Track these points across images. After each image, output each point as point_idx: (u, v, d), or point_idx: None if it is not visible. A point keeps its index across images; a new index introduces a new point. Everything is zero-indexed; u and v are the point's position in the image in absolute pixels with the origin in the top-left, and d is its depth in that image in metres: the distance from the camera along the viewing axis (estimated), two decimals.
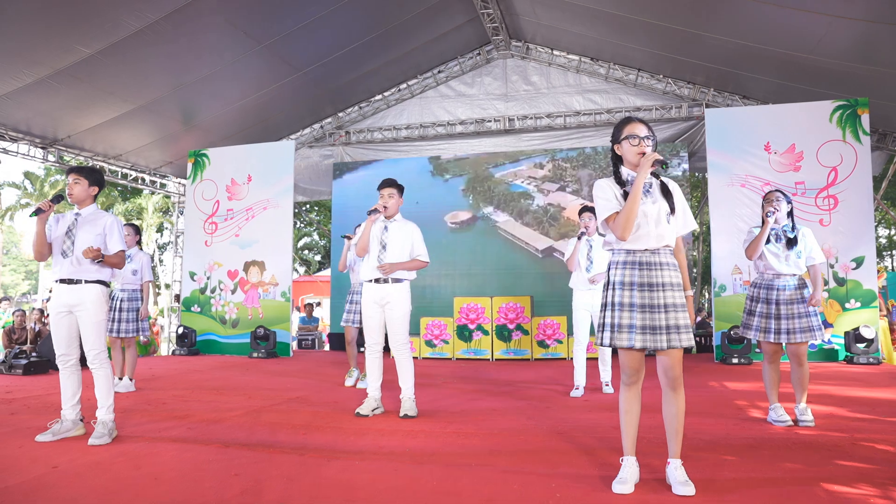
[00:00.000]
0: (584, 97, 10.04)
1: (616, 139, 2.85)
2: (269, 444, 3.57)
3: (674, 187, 2.83)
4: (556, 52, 10.11)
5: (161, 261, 29.19)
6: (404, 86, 10.82)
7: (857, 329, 7.42)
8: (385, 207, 4.56)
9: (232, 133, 10.54)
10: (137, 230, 5.98)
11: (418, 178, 10.42)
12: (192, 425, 4.06)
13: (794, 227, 4.18)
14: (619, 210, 2.70)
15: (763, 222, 4.22)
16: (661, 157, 2.66)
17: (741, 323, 4.30)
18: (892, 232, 22.54)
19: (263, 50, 8.40)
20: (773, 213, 4.08)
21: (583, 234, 5.43)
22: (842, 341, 7.58)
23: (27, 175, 26.70)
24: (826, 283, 7.68)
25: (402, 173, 10.47)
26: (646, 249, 2.71)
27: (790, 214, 4.20)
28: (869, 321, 7.51)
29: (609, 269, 2.84)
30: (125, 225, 5.97)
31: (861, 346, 7.43)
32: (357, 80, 10.29)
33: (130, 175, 11.04)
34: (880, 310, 8.05)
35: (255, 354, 9.01)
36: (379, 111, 11.05)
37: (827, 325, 7.65)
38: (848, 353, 7.47)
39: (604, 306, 2.79)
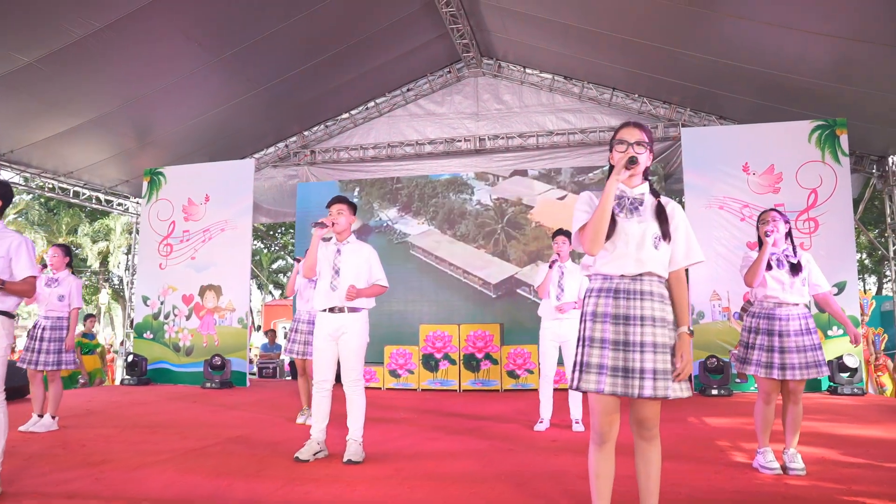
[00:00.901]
0: (558, 116, 9.73)
1: (610, 146, 2.49)
2: (183, 499, 3.07)
3: (674, 211, 2.42)
4: (528, 71, 9.81)
5: (132, 284, 28.28)
6: (372, 104, 10.44)
7: (840, 358, 7.08)
8: (333, 224, 4.13)
9: (192, 151, 10.06)
10: (67, 251, 5.45)
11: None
12: (103, 475, 3.53)
13: (795, 251, 3.80)
14: None
15: (761, 244, 3.84)
16: (632, 154, 2.31)
17: (736, 356, 3.85)
18: (864, 256, 22.55)
19: (220, 63, 7.97)
20: (772, 232, 3.67)
21: (555, 260, 5.04)
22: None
23: None
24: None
25: (366, 195, 10.22)
26: (623, 275, 2.31)
27: (789, 236, 3.80)
28: (852, 349, 7.18)
29: (584, 297, 2.44)
30: (55, 246, 5.48)
31: (845, 375, 7.09)
32: (322, 98, 9.89)
33: (83, 193, 10.48)
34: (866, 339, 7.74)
35: (208, 384, 8.44)
36: (346, 130, 10.65)
37: None
38: (831, 383, 7.12)
39: (578, 342, 2.39)
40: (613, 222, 2.33)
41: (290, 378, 10.14)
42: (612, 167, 2.44)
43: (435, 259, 9.74)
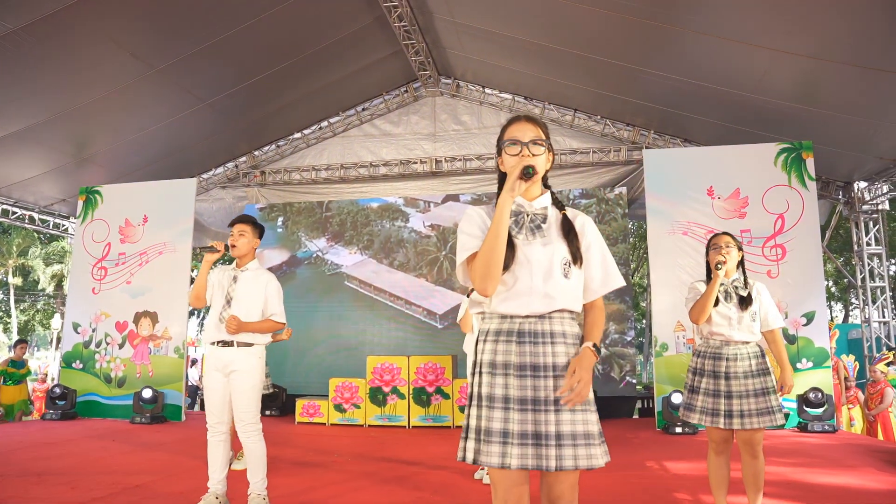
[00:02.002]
0: None
1: (498, 150, 1.96)
2: None
3: (585, 227, 1.93)
4: (487, 91, 9.46)
5: None
6: (325, 124, 9.98)
7: (808, 393, 6.68)
8: (232, 247, 3.62)
9: (135, 169, 9.48)
10: None
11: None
12: None
13: (746, 282, 3.34)
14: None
15: (710, 275, 3.39)
16: (530, 163, 1.79)
17: (682, 403, 3.37)
18: (830, 283, 22.47)
19: (157, 75, 7.46)
20: (723, 264, 3.19)
21: (473, 290, 4.55)
22: (794, 405, 6.83)
23: None
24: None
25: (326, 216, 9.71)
26: (528, 315, 1.81)
27: (741, 265, 3.34)
28: (822, 383, 6.79)
29: (477, 343, 1.91)
30: None
31: (815, 411, 6.69)
32: (273, 116, 9.41)
33: (13, 212, 9.81)
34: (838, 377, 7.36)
35: (137, 419, 7.76)
36: (298, 150, 10.16)
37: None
38: (800, 420, 6.71)
39: (470, 401, 1.85)
40: (511, 247, 1.82)
41: None
42: (502, 176, 1.93)
43: (373, 290, 9.24)
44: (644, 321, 17.55)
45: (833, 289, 22.50)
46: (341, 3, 7.43)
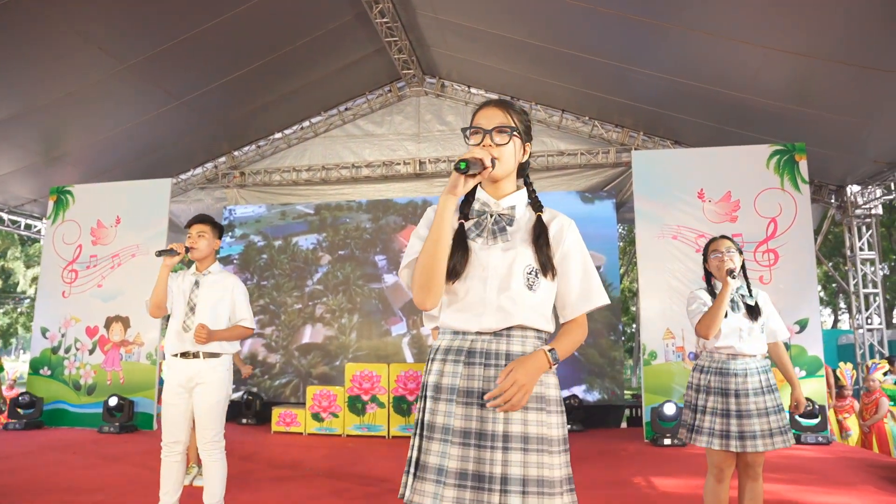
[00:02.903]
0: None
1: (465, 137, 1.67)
2: None
3: (563, 232, 1.64)
4: (473, 91, 9.21)
5: None
6: (307, 124, 9.70)
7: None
8: (191, 249, 3.35)
9: (110, 168, 9.18)
10: None
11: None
12: None
13: (750, 290, 3.07)
14: None
15: (709, 280, 3.15)
16: (471, 156, 1.48)
17: (683, 422, 3.08)
18: (819, 288, 22.39)
19: (127, 71, 7.15)
20: (734, 269, 2.92)
21: None
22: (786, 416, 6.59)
23: None
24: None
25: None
26: (479, 332, 1.53)
27: (743, 270, 3.09)
28: (815, 393, 6.57)
29: (427, 361, 1.64)
30: None
31: (808, 422, 6.46)
32: (252, 115, 9.12)
33: None
34: (828, 385, 7.13)
35: (106, 429, 7.43)
36: (279, 151, 9.87)
37: None
38: (794, 431, 6.47)
39: (415, 429, 1.57)
40: (465, 250, 1.56)
41: None
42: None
43: (353, 293, 8.96)
44: (634, 325, 17.37)
45: (822, 293, 22.42)
46: None
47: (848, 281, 8.64)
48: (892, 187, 8.00)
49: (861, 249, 8.38)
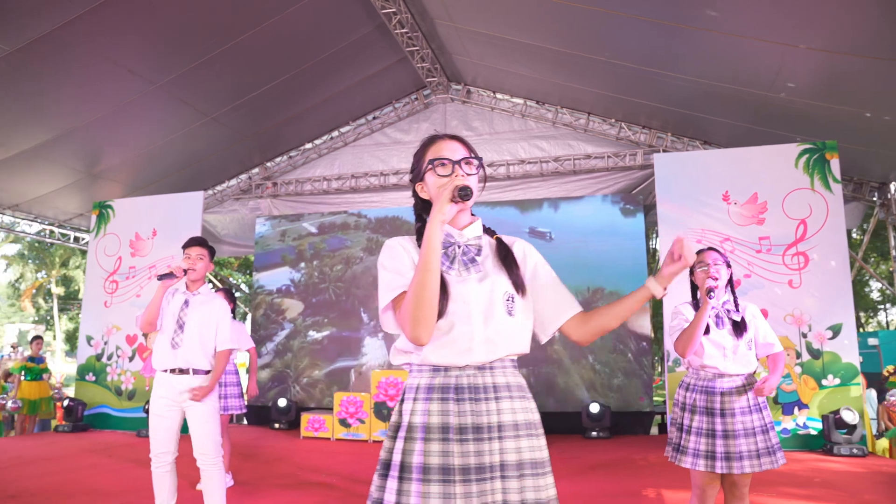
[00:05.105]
0: (530, 143, 9.06)
1: (417, 174, 1.70)
2: None
3: (525, 249, 1.69)
4: (499, 96, 9.19)
5: None
6: (336, 133, 9.87)
7: (836, 412, 6.20)
8: (192, 270, 3.48)
9: (148, 183, 9.57)
10: None
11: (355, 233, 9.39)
12: None
13: (737, 305, 2.98)
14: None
15: (694, 295, 3.07)
16: (464, 183, 1.52)
17: (669, 441, 3.00)
18: (884, 286, 21.34)
19: (158, 91, 7.44)
20: (714, 287, 2.80)
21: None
22: (819, 425, 6.36)
23: None
24: (799, 355, 6.51)
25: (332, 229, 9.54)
26: (466, 366, 1.53)
27: (730, 284, 2.99)
28: (851, 402, 6.30)
29: (403, 399, 1.61)
30: None
31: (842, 432, 6.20)
32: (282, 127, 9.33)
33: (33, 227, 10.00)
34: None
35: (143, 432, 7.75)
36: (310, 161, 10.07)
37: (801, 405, 6.44)
38: (826, 442, 6.23)
39: (390, 470, 1.52)
40: (443, 287, 1.53)
41: (246, 423, 9.41)
42: (422, 205, 1.70)
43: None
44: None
45: (885, 292, 21.33)
46: (339, 12, 7.27)
47: (893, 281, 8.24)
48: None
49: None
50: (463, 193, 1.51)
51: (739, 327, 2.90)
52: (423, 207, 1.69)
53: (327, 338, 9.08)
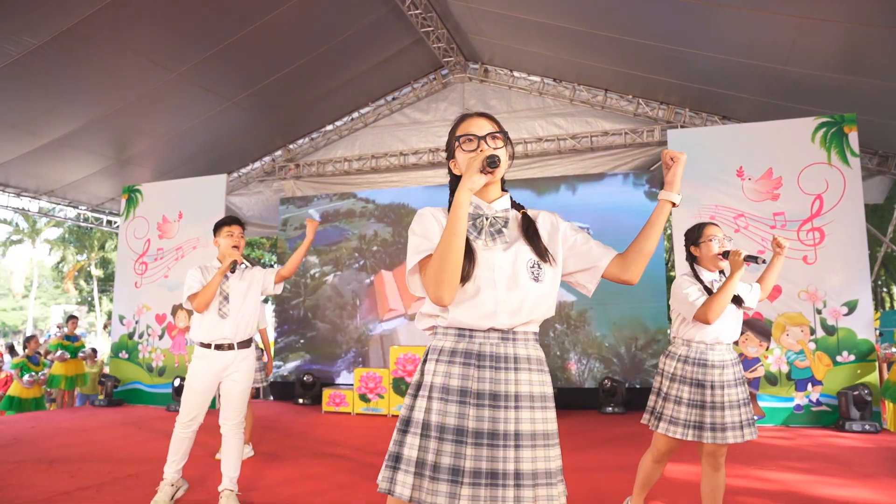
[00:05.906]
0: (548, 121, 9.06)
1: (449, 151, 1.81)
2: None
3: (549, 219, 1.78)
4: (516, 74, 9.19)
5: None
6: (356, 115, 10.00)
7: (851, 388, 6.18)
8: (237, 248, 3.72)
9: (175, 167, 9.86)
10: None
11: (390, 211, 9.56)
12: None
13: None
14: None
15: (692, 265, 3.10)
16: (494, 155, 1.62)
17: (652, 409, 3.04)
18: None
19: (179, 78, 7.65)
20: (758, 256, 2.83)
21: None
22: (834, 402, 6.34)
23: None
24: (813, 331, 6.48)
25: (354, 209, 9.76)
26: (490, 329, 1.62)
27: (725, 256, 3.08)
28: (867, 379, 6.27)
29: (426, 360, 1.69)
30: None
31: (858, 408, 6.18)
32: (303, 110, 9.50)
33: (67, 212, 10.40)
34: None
35: (172, 406, 8.11)
36: (331, 142, 10.23)
37: (815, 381, 6.43)
38: (840, 418, 6.22)
39: (406, 426, 1.64)
40: (470, 254, 1.62)
41: (272, 398, 9.73)
42: (455, 181, 1.79)
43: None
44: None
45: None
46: None
47: None
48: None
49: None
50: (490, 161, 1.58)
51: (738, 298, 2.96)
52: (456, 183, 1.78)
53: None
